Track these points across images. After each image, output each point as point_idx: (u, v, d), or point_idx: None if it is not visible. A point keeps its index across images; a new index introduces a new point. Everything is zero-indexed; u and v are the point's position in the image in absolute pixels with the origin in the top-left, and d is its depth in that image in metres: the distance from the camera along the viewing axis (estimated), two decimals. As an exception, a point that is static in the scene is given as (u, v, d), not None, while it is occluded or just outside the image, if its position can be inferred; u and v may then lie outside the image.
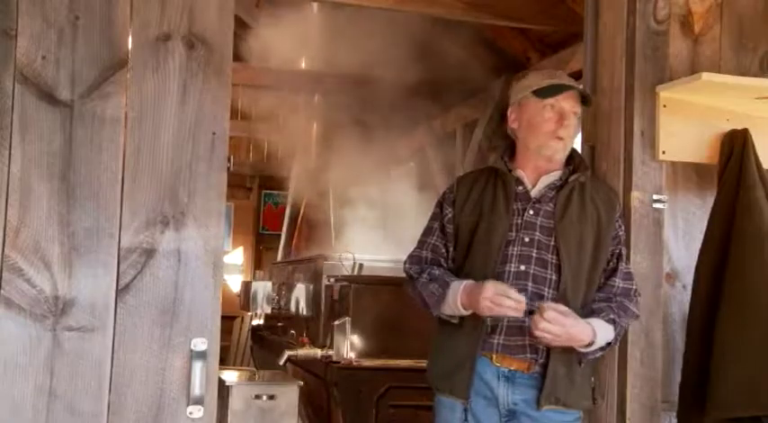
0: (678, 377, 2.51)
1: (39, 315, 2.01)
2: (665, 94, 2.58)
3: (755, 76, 2.66)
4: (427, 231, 2.59)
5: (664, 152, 2.59)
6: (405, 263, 2.60)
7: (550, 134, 2.45)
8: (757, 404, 2.35)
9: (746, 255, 2.41)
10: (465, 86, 5.77)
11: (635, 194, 2.57)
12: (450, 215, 2.54)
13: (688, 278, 2.55)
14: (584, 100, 2.50)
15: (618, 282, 2.44)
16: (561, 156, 2.49)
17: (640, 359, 2.52)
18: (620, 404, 2.53)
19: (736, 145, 2.54)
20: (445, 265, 2.52)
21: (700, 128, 2.61)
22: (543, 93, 2.45)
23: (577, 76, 3.00)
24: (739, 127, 2.57)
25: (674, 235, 2.61)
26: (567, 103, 2.46)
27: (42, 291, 2.02)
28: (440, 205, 2.59)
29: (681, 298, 2.57)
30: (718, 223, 2.49)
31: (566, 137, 2.46)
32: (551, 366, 2.36)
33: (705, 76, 2.47)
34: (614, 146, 2.63)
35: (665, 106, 2.59)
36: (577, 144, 2.72)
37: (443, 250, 2.53)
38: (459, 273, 2.47)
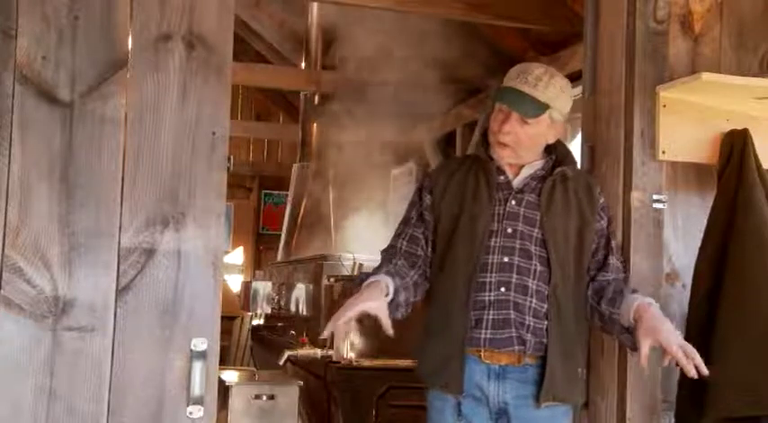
0: (678, 377, 2.51)
1: (39, 315, 2.01)
2: (665, 93, 2.58)
3: (755, 76, 2.65)
4: (405, 221, 2.55)
5: (664, 152, 2.59)
6: (381, 253, 2.55)
7: (494, 135, 2.44)
8: (756, 404, 2.35)
9: (746, 254, 2.42)
10: (465, 86, 5.77)
11: (635, 194, 2.56)
12: (429, 202, 2.50)
13: (688, 278, 2.54)
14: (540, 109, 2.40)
15: (610, 275, 2.44)
16: (506, 162, 2.46)
17: (640, 359, 2.52)
18: (620, 404, 2.53)
19: (735, 145, 2.54)
20: (422, 254, 2.48)
21: (700, 128, 2.61)
22: (495, 96, 2.46)
23: (577, 76, 2.99)
24: (739, 127, 2.57)
25: (674, 235, 2.61)
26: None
27: (42, 291, 2.02)
28: (418, 193, 2.55)
29: (681, 298, 2.57)
30: (717, 223, 2.49)
31: (508, 143, 2.42)
32: (550, 364, 2.35)
33: (705, 76, 2.47)
34: (614, 146, 2.63)
35: (665, 106, 2.59)
36: (577, 144, 2.71)
37: (421, 239, 2.49)
38: (442, 264, 2.44)
